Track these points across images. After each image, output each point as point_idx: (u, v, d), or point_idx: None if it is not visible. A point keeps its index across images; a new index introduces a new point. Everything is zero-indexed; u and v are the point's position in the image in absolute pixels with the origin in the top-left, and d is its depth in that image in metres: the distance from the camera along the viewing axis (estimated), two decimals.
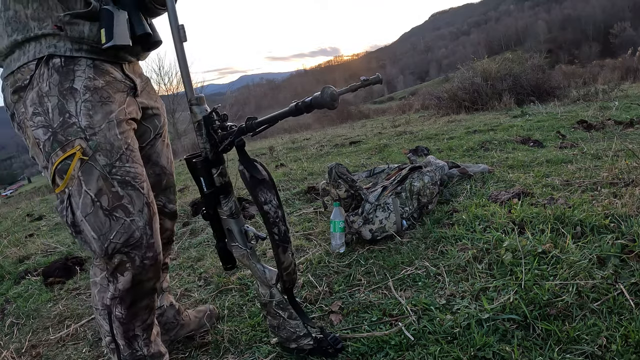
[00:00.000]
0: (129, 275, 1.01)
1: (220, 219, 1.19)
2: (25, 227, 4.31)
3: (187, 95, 1.09)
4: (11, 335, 1.81)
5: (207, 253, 2.27)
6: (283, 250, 1.14)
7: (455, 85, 8.13)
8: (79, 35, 0.97)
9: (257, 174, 1.09)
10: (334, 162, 2.18)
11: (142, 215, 1.01)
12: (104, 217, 0.97)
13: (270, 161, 5.18)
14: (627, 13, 71.40)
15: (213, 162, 1.11)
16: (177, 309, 1.45)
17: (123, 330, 1.07)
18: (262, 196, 1.10)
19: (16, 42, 0.96)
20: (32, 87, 0.96)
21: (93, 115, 0.97)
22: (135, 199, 1.01)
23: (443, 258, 1.68)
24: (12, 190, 35.94)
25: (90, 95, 0.98)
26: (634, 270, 1.31)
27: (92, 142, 0.96)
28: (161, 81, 24.36)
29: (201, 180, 1.12)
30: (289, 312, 1.21)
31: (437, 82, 40.68)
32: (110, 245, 0.98)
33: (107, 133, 0.98)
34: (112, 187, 0.98)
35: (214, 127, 1.08)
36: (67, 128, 0.95)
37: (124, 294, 1.03)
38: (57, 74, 0.95)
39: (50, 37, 0.96)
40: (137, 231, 1.00)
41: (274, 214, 1.11)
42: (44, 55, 0.95)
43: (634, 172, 2.13)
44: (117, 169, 0.99)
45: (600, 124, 4.04)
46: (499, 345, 1.12)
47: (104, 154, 0.97)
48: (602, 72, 11.97)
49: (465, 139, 4.29)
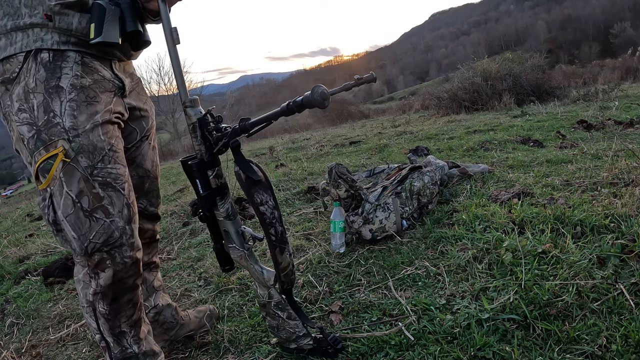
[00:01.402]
0: (109, 272, 1.02)
1: (217, 221, 1.19)
2: (25, 227, 4.31)
3: (180, 98, 1.09)
4: (11, 335, 1.81)
5: (207, 253, 2.27)
6: (280, 251, 1.13)
7: (455, 85, 8.13)
8: (67, 26, 0.96)
9: (252, 175, 1.09)
10: (334, 162, 2.18)
11: (122, 216, 1.02)
12: (84, 218, 0.99)
13: (270, 161, 5.18)
14: (627, 13, 71.41)
15: (208, 163, 1.11)
16: (174, 308, 1.44)
17: (109, 326, 1.08)
18: (258, 197, 1.10)
19: (5, 29, 0.95)
20: (19, 81, 0.95)
21: (77, 116, 0.97)
22: (116, 199, 1.02)
23: (443, 258, 1.68)
24: (12, 190, 35.93)
25: (76, 94, 0.97)
26: (634, 270, 1.31)
27: (75, 144, 0.96)
28: (161, 81, 24.38)
29: (197, 183, 1.12)
30: (287, 313, 1.21)
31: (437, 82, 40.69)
32: (90, 245, 1.00)
33: (91, 134, 0.98)
34: (93, 188, 0.99)
35: (209, 128, 1.08)
36: (51, 128, 0.95)
37: (106, 289, 1.04)
38: (44, 69, 0.95)
39: (38, 28, 0.95)
40: (116, 231, 1.01)
41: (270, 215, 1.11)
42: (32, 49, 0.95)
43: (634, 172, 2.13)
44: (99, 171, 1.00)
45: (600, 124, 4.05)
46: (499, 345, 1.12)
47: (86, 156, 0.98)
48: (602, 72, 11.97)
49: (465, 139, 4.29)
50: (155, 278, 1.41)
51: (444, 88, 9.00)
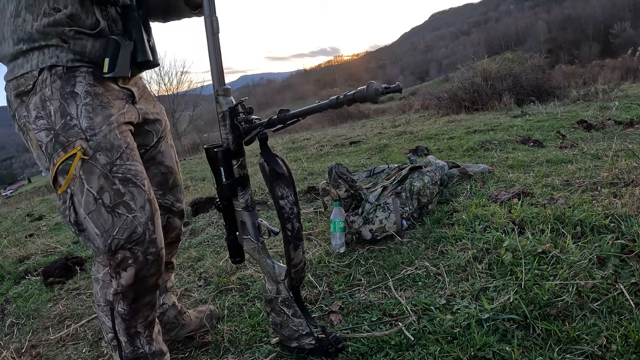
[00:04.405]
0: (131, 271, 1.02)
1: (234, 211, 1.20)
2: (25, 227, 4.31)
3: (214, 86, 1.11)
4: (11, 335, 1.81)
5: (207, 253, 2.27)
6: (294, 247, 1.14)
7: (455, 85, 8.13)
8: (81, 49, 1.02)
9: (277, 168, 1.11)
10: (334, 162, 2.18)
11: (144, 212, 1.03)
12: (107, 214, 0.99)
13: None
14: (627, 13, 71.38)
15: (234, 153, 1.13)
16: (178, 309, 1.45)
17: (125, 326, 1.08)
18: (280, 191, 1.11)
19: (21, 51, 0.99)
20: (35, 92, 0.99)
21: (94, 117, 1.00)
22: (137, 195, 1.02)
23: (443, 258, 1.68)
24: (12, 190, 35.92)
25: (90, 99, 1.01)
26: (634, 270, 1.31)
27: (93, 142, 0.99)
28: (161, 81, 24.36)
29: (221, 170, 1.14)
30: (293, 310, 1.22)
31: (437, 82, 40.66)
32: (114, 242, 1.00)
33: (108, 134, 1.01)
34: (114, 184, 1.00)
35: (239, 119, 1.10)
36: (69, 130, 0.98)
37: (127, 289, 1.04)
38: (59, 79, 0.99)
39: (54, 47, 0.99)
40: (139, 227, 1.01)
41: (289, 210, 1.12)
42: (47, 65, 0.99)
43: (634, 172, 2.13)
44: (118, 167, 1.01)
45: (600, 124, 4.05)
46: (499, 345, 1.12)
47: (104, 153, 1.00)
48: (602, 72, 11.97)
49: (465, 139, 4.29)
50: (169, 279, 1.44)
51: (444, 88, 9.00)
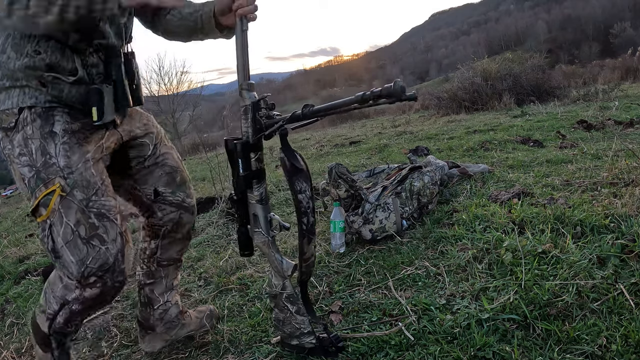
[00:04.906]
0: (97, 291, 1.11)
1: (248, 204, 1.23)
2: (25, 227, 4.31)
3: (238, 80, 1.16)
4: (11, 335, 1.81)
5: (207, 253, 2.27)
6: (308, 241, 1.17)
7: (455, 85, 8.14)
8: (58, 94, 1.08)
9: (297, 163, 1.15)
10: (334, 162, 2.18)
11: (116, 244, 1.10)
12: (82, 245, 1.07)
13: (270, 161, 5.17)
14: (627, 13, 71.37)
15: (253, 146, 1.17)
16: (180, 309, 1.46)
17: (69, 318, 1.16)
18: (298, 185, 1.15)
19: (4, 86, 1.08)
20: (18, 130, 1.08)
21: (71, 156, 1.08)
22: (110, 229, 1.10)
23: (443, 258, 1.68)
24: (12, 190, 35.88)
25: (68, 137, 1.09)
26: (634, 270, 1.31)
27: (70, 180, 1.07)
28: (161, 81, 24.38)
29: (238, 162, 1.17)
30: (297, 307, 1.23)
31: (437, 82, 40.68)
32: (87, 269, 1.08)
33: (84, 172, 1.09)
34: (89, 218, 1.08)
35: (260, 113, 1.14)
36: (48, 167, 1.07)
37: (87, 300, 1.12)
38: (39, 118, 1.07)
39: (33, 89, 1.07)
40: (110, 257, 1.09)
41: (306, 204, 1.15)
42: (26, 105, 1.07)
43: (634, 172, 2.13)
44: (94, 203, 1.09)
45: (600, 124, 4.05)
46: (499, 345, 1.12)
47: (81, 190, 1.08)
48: (602, 72, 11.96)
49: (465, 139, 4.29)
50: (176, 277, 1.47)
51: (444, 88, 9.00)
